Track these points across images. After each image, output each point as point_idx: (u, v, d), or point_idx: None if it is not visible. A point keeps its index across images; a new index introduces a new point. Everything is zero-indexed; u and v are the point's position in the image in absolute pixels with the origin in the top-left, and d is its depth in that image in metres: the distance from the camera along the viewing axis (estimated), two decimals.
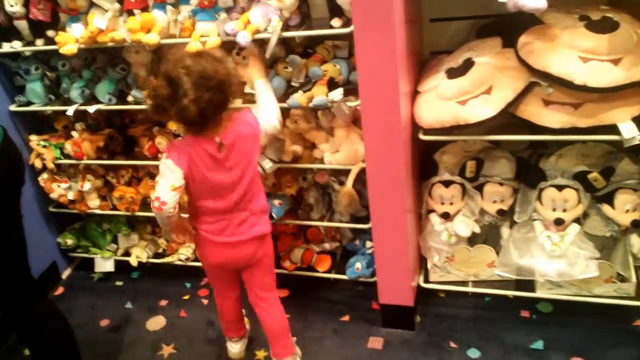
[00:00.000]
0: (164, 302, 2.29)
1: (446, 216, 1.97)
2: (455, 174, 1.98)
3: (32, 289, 1.63)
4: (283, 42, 1.88)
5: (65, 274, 2.54)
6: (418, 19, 1.93)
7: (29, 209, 2.31)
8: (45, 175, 2.28)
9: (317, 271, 2.19)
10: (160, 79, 1.41)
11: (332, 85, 1.81)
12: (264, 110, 1.67)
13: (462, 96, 1.72)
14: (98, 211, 2.31)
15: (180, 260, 2.32)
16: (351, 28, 1.58)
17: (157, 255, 2.40)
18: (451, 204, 1.97)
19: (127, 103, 2.04)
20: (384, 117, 1.67)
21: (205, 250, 1.73)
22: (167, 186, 1.50)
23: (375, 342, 2.01)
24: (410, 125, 1.80)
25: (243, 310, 1.95)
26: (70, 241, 2.42)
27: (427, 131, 1.77)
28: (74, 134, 2.22)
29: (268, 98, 1.72)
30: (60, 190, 2.27)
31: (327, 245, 2.23)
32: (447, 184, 1.95)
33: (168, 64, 1.42)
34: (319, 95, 1.77)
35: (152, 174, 2.28)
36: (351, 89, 1.81)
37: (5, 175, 1.43)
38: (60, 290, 2.45)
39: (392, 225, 1.86)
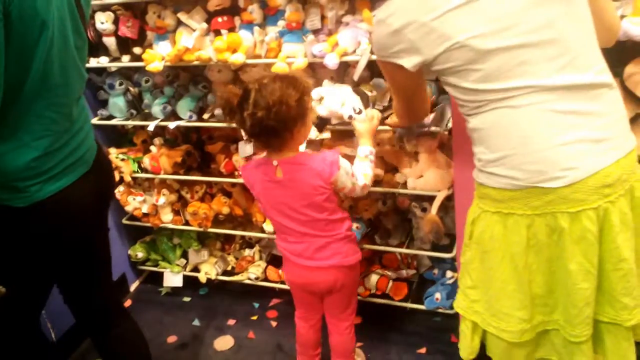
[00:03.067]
0: (231, 322, 2.30)
1: None
2: None
3: (117, 302, 1.66)
4: (369, 65, 1.87)
5: (134, 286, 2.59)
6: None
7: None
8: (121, 188, 2.34)
9: (393, 299, 2.14)
10: (238, 87, 1.49)
11: None
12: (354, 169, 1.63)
13: None
14: (171, 225, 2.36)
15: (249, 279, 2.33)
16: None
17: (226, 273, 2.41)
18: None
19: (205, 120, 2.07)
20: None
21: (286, 269, 1.76)
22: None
23: None
24: None
25: (320, 339, 1.91)
26: (140, 254, 2.47)
27: None
28: (153, 148, 2.28)
29: (361, 166, 1.65)
30: (135, 203, 2.33)
31: (403, 273, 2.18)
32: None
33: (253, 77, 1.52)
34: None
35: (226, 190, 2.31)
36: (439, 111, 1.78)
37: (99, 188, 1.45)
38: (128, 302, 2.50)
39: None
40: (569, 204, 1.06)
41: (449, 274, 2.10)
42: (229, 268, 2.43)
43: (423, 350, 2.06)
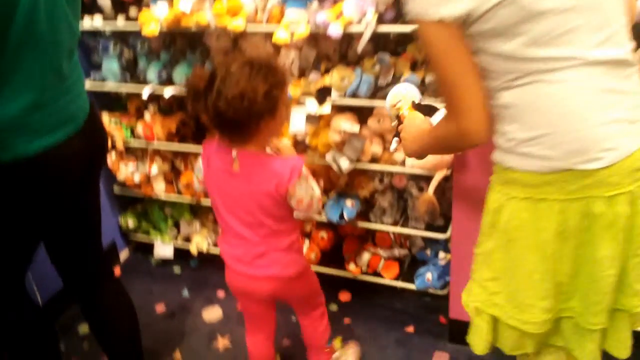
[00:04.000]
0: (221, 294, 2.30)
1: None
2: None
3: (105, 267, 1.64)
4: (373, 37, 1.83)
5: (124, 255, 2.57)
6: None
7: None
8: (113, 155, 2.31)
9: (384, 277, 2.14)
10: (209, 69, 1.35)
11: None
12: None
13: None
14: (163, 196, 2.33)
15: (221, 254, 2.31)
16: None
17: (217, 245, 2.39)
18: None
19: None
20: None
21: (226, 275, 1.58)
22: (195, 176, 1.57)
23: (441, 358, 1.95)
24: None
25: (274, 354, 1.77)
26: (131, 222, 2.45)
27: None
28: (146, 115, 2.24)
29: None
30: (127, 171, 2.30)
31: (396, 252, 2.18)
32: None
33: (224, 60, 1.34)
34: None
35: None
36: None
37: (90, 149, 1.41)
38: (117, 271, 2.48)
39: (475, 237, 1.79)
40: (604, 188, 1.02)
41: (441, 254, 2.10)
42: None
43: (411, 329, 2.07)
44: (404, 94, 1.45)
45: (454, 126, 1.04)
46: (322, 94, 1.84)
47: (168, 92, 2.06)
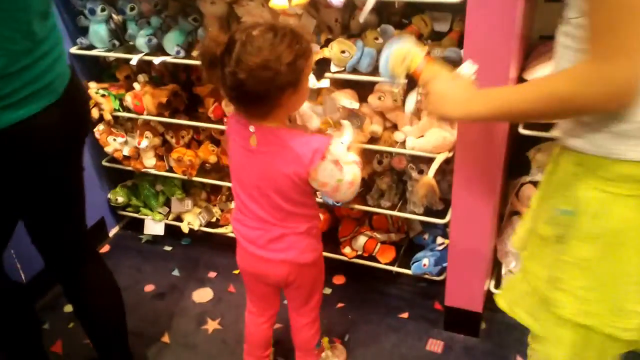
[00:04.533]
0: (212, 274, 2.24)
1: None
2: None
3: (88, 247, 1.57)
4: (377, 7, 1.73)
5: (113, 231, 2.51)
6: None
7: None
8: (101, 127, 2.22)
9: (379, 262, 2.08)
10: (224, 35, 1.22)
11: None
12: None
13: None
14: (153, 171, 2.25)
15: (232, 232, 2.24)
16: None
17: (210, 225, 2.33)
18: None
19: (194, 57, 1.93)
20: None
21: (238, 254, 1.54)
22: None
23: (435, 345, 1.90)
24: None
25: (271, 338, 1.74)
26: (120, 199, 2.37)
27: (529, 125, 1.61)
28: (136, 85, 2.14)
29: (350, 157, 1.45)
30: (115, 144, 2.21)
31: (393, 236, 2.11)
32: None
33: (244, 25, 1.24)
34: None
35: (214, 137, 2.19)
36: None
37: (69, 121, 1.32)
38: (106, 248, 2.42)
39: (474, 224, 1.73)
40: None
41: (439, 240, 2.03)
42: (214, 220, 2.34)
43: (405, 315, 2.01)
44: (407, 48, 1.25)
45: (607, 73, 0.80)
46: (321, 68, 1.75)
47: (158, 60, 1.96)
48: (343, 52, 1.70)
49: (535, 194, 1.19)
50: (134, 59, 1.97)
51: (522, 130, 1.63)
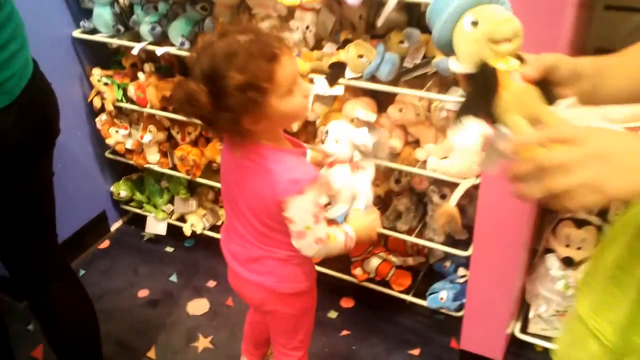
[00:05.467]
0: (212, 283, 2.10)
1: (569, 262, 1.59)
2: (594, 213, 1.58)
3: (57, 263, 1.44)
4: (405, 6, 1.52)
5: (115, 226, 2.40)
6: (591, 3, 1.49)
7: (83, 152, 2.17)
8: (103, 117, 2.10)
9: (392, 288, 1.89)
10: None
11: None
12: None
13: (635, 122, 1.31)
14: (156, 167, 2.12)
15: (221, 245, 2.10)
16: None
17: (215, 228, 2.19)
18: (579, 248, 1.59)
19: None
20: None
21: (228, 271, 1.39)
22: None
23: None
24: None
25: (268, 341, 1.58)
26: (123, 192, 2.26)
27: None
28: (140, 75, 2.00)
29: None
30: (118, 136, 2.09)
31: (410, 260, 1.92)
32: (580, 223, 1.57)
33: (215, 40, 1.04)
34: None
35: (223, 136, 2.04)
36: None
37: (28, 124, 1.19)
38: (105, 243, 2.32)
39: (499, 261, 1.53)
40: None
41: (461, 271, 1.82)
42: (219, 223, 2.21)
43: (416, 352, 1.83)
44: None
45: None
46: (335, 73, 1.56)
47: (160, 50, 1.81)
48: (360, 56, 1.51)
49: (603, 254, 0.81)
50: (135, 49, 1.83)
51: None
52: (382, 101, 1.67)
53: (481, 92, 0.70)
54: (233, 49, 1.00)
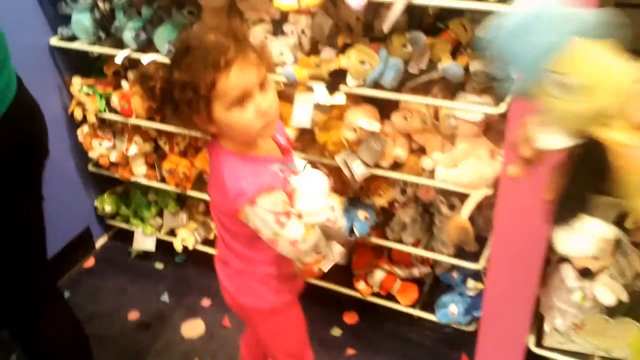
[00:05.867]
0: (206, 302, 2.00)
1: (586, 273, 1.52)
2: (610, 221, 1.51)
3: (45, 288, 1.34)
4: (407, 9, 1.43)
5: (100, 242, 2.28)
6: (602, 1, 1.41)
7: (64, 165, 2.05)
8: (85, 129, 1.98)
9: (398, 302, 1.81)
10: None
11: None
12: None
13: None
14: (143, 181, 2.01)
15: None
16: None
17: (207, 242, 2.09)
18: (596, 258, 1.51)
19: None
20: None
21: None
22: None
23: None
24: None
25: None
26: (108, 207, 2.15)
27: None
28: (124, 84, 1.89)
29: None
30: (101, 149, 1.97)
31: (415, 272, 1.84)
32: None
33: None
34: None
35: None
36: (492, 88, 1.38)
37: (11, 148, 1.10)
38: (90, 262, 2.20)
39: (518, 274, 1.46)
40: None
41: (470, 282, 1.74)
42: (211, 237, 2.10)
43: None
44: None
45: None
46: (335, 80, 1.46)
47: (146, 59, 1.70)
48: (362, 62, 1.41)
49: None
50: (119, 57, 1.72)
51: None
52: (384, 108, 1.58)
53: (589, 177, 0.55)
54: (191, 45, 0.98)
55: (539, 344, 1.67)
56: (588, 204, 0.53)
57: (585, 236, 0.57)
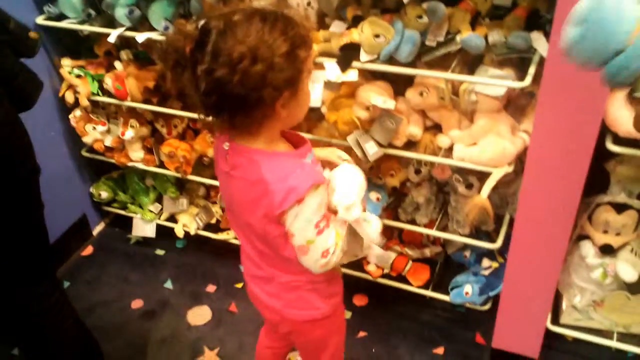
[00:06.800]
0: (211, 288, 1.93)
1: (608, 250, 1.48)
2: (634, 196, 1.46)
3: (48, 289, 1.26)
4: None
5: (97, 229, 2.20)
6: None
7: (57, 152, 1.96)
8: (77, 113, 1.87)
9: (410, 283, 1.76)
10: (194, 24, 0.90)
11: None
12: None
13: None
14: (141, 166, 1.91)
15: (236, 238, 1.92)
16: None
17: (209, 227, 2.01)
18: (618, 234, 1.47)
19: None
20: (574, 108, 1.14)
21: None
22: None
23: None
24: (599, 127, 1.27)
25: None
26: (104, 193, 2.05)
27: (621, 140, 1.25)
28: (117, 65, 1.78)
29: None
30: (95, 133, 1.87)
31: (427, 252, 1.79)
32: (620, 208, 1.45)
33: (219, 10, 0.91)
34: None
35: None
36: (511, 59, 1.31)
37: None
38: (89, 250, 2.11)
39: (542, 252, 1.40)
40: None
41: (485, 262, 1.70)
42: (213, 221, 2.02)
43: (440, 351, 1.71)
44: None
45: None
46: (347, 56, 1.37)
47: (142, 37, 1.59)
48: (377, 36, 1.32)
49: None
50: (112, 35, 1.61)
51: (609, 146, 1.27)
52: (397, 84, 1.50)
53: None
54: (278, 17, 0.88)
55: (555, 321, 1.64)
56: None
57: None
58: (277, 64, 0.86)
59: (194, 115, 1.75)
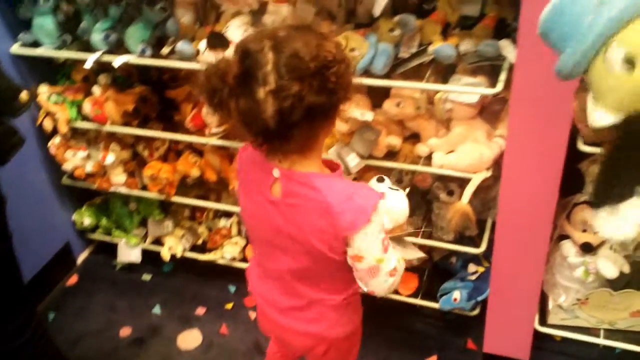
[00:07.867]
0: (200, 311, 1.93)
1: (588, 248, 1.52)
2: None
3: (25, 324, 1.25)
4: None
5: (82, 257, 2.19)
6: None
7: (37, 180, 1.96)
8: (56, 140, 1.88)
9: (399, 293, 1.79)
10: (224, 53, 0.91)
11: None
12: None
13: None
14: (123, 190, 1.92)
15: (224, 258, 1.93)
16: None
17: (195, 248, 2.02)
18: (597, 232, 1.51)
19: (164, 56, 1.59)
20: (544, 111, 1.19)
21: (257, 312, 1.25)
22: None
23: None
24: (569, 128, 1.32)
25: None
26: (88, 220, 2.05)
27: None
28: (95, 89, 1.80)
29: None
30: (75, 160, 1.88)
31: (414, 261, 1.81)
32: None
33: (251, 35, 0.89)
34: None
35: (195, 147, 1.86)
36: (482, 67, 1.35)
37: None
38: (73, 279, 2.10)
39: (525, 254, 1.44)
40: None
41: (472, 267, 1.73)
42: (200, 242, 2.03)
43: (434, 359, 1.73)
44: None
45: None
46: None
47: (118, 61, 1.61)
48: (352, 50, 1.37)
49: None
50: (88, 61, 1.63)
51: (580, 147, 1.32)
52: (374, 96, 1.54)
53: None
54: (313, 33, 0.87)
55: (542, 322, 1.67)
56: (634, 188, 0.51)
57: (628, 220, 0.54)
58: (342, 70, 0.87)
59: (176, 137, 1.77)
